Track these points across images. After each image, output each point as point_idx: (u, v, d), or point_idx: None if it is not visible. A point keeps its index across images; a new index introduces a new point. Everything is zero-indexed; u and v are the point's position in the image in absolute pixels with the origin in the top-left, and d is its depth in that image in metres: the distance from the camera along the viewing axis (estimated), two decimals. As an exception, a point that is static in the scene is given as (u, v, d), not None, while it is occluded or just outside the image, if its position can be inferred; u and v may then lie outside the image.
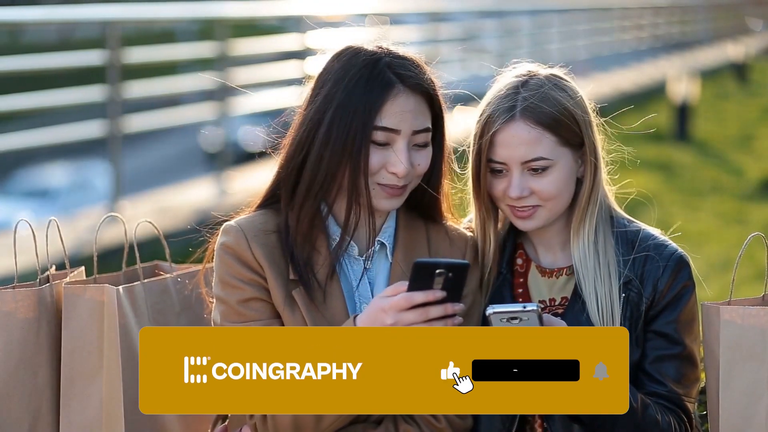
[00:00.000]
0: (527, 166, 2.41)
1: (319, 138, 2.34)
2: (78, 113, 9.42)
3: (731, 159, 12.93)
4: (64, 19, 10.34)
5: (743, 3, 33.59)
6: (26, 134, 8.25)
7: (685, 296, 2.44)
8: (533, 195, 2.42)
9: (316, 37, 10.43)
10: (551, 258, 2.52)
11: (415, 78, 2.35)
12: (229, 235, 2.39)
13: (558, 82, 2.46)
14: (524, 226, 2.46)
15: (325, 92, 2.36)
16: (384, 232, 2.44)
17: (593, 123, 2.49)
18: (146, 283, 2.58)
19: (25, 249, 2.65)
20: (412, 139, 2.35)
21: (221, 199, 8.43)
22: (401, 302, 2.18)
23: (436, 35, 14.28)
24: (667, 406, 2.40)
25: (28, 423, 2.49)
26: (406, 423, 2.36)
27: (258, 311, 2.36)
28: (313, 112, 2.37)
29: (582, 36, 20.64)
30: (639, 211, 2.89)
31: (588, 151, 2.46)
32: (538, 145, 2.40)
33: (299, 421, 2.28)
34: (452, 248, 2.48)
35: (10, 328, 2.46)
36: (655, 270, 2.44)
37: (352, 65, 2.36)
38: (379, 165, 2.34)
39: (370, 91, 2.33)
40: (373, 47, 2.38)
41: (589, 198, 2.47)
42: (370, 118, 2.32)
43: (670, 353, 2.42)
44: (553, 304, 2.49)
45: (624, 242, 2.47)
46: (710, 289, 2.68)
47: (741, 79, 21.96)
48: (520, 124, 2.40)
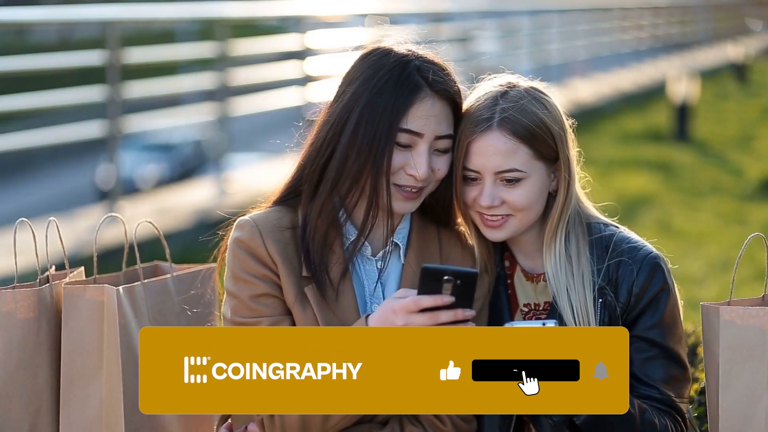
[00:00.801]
0: (500, 176, 2.42)
1: (345, 137, 2.35)
2: (78, 113, 9.42)
3: (731, 159, 12.93)
4: (64, 19, 10.34)
5: (743, 3, 33.60)
6: (26, 134, 8.25)
7: (663, 299, 2.44)
8: (504, 204, 2.43)
9: (316, 38, 10.44)
10: (531, 264, 2.53)
11: (443, 83, 2.37)
12: (244, 230, 2.39)
13: (537, 95, 2.46)
14: (492, 236, 2.46)
15: (353, 90, 2.37)
16: (398, 233, 2.45)
17: (569, 138, 2.49)
18: (146, 283, 2.58)
19: (25, 249, 2.65)
20: (434, 143, 2.36)
21: (221, 200, 8.44)
22: (410, 304, 2.18)
23: (436, 35, 14.29)
24: (662, 409, 2.41)
25: (28, 423, 2.49)
26: (411, 425, 2.36)
27: (269, 307, 2.36)
28: (339, 111, 2.37)
29: (582, 36, 20.63)
30: (639, 212, 2.89)
31: (562, 167, 2.46)
32: (513, 157, 2.41)
33: (307, 420, 2.28)
34: (464, 253, 2.49)
35: (10, 328, 2.46)
36: (629, 273, 2.43)
37: (381, 65, 2.36)
38: (398, 166, 2.35)
39: (399, 93, 2.34)
40: (404, 50, 2.39)
41: (561, 212, 2.47)
42: (397, 120, 2.33)
43: (655, 356, 2.42)
44: (537, 309, 2.51)
45: (599, 248, 2.46)
46: (710, 289, 2.69)
47: (741, 80, 21.97)
48: (497, 135, 2.41)
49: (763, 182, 10.98)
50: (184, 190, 9.42)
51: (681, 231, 8.92)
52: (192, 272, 2.67)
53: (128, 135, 8.32)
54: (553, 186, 2.48)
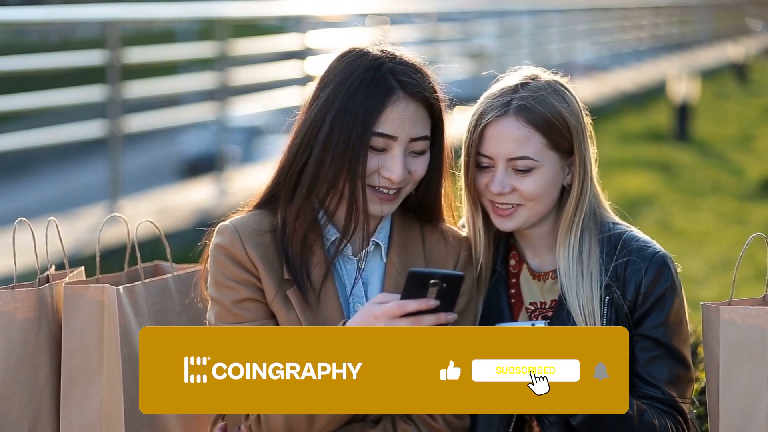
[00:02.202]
0: (512, 164, 2.42)
1: (320, 141, 2.34)
2: (78, 113, 9.42)
3: (731, 159, 12.93)
4: (64, 19, 10.34)
5: (743, 3, 33.60)
6: (26, 134, 8.25)
7: (670, 298, 2.44)
8: (514, 193, 2.43)
9: (316, 37, 10.44)
10: (538, 261, 2.53)
11: (416, 85, 2.34)
12: (224, 236, 2.39)
13: (558, 88, 2.46)
14: (503, 225, 2.46)
15: (327, 95, 2.36)
16: (379, 232, 2.44)
17: (587, 134, 2.48)
18: (147, 282, 2.58)
19: (25, 249, 2.65)
20: (409, 146, 2.35)
21: (221, 199, 8.43)
22: (394, 310, 2.17)
23: (436, 35, 14.28)
24: (663, 410, 2.40)
25: (28, 423, 2.49)
26: (404, 422, 2.36)
27: (252, 312, 2.36)
28: (314, 115, 2.36)
29: (582, 36, 20.63)
30: (639, 211, 2.89)
31: (577, 161, 2.46)
32: (526, 144, 2.41)
33: (291, 422, 2.28)
34: (447, 248, 2.48)
35: (10, 328, 2.46)
36: (637, 272, 2.43)
37: (355, 68, 2.35)
38: (374, 169, 2.34)
39: (371, 96, 2.32)
40: (378, 51, 2.37)
41: (576, 207, 2.46)
42: (370, 124, 2.31)
43: (660, 356, 2.42)
44: (543, 307, 2.50)
45: (608, 246, 2.46)
46: (710, 289, 2.69)
47: (741, 79, 21.96)
48: (512, 121, 2.41)
49: (763, 182, 10.98)
50: (184, 190, 9.42)
51: (681, 231, 8.92)
52: (192, 272, 2.67)
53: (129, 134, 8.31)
54: (567, 180, 2.48)
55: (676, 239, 8.47)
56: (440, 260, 2.46)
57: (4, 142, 8.07)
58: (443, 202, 2.48)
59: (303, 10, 10.79)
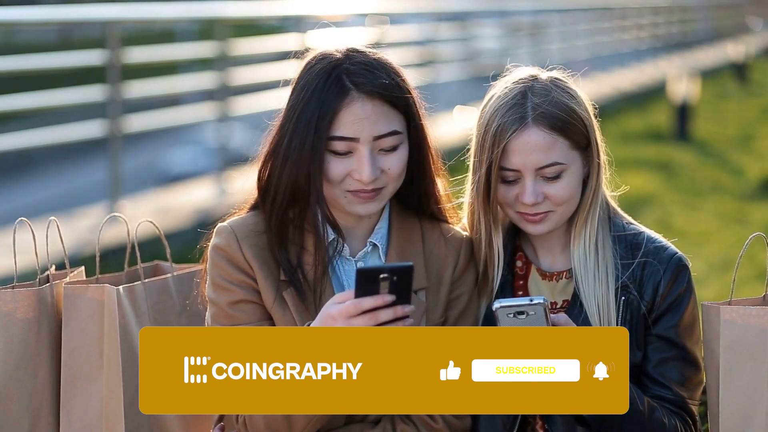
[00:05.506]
0: (541, 173, 2.40)
1: (281, 150, 2.33)
2: (78, 113, 9.42)
3: (731, 159, 12.93)
4: (64, 19, 10.34)
5: (743, 3, 33.58)
6: (26, 134, 8.25)
7: (686, 300, 2.44)
8: (546, 201, 2.42)
9: (316, 37, 10.43)
10: (550, 260, 2.52)
11: (370, 83, 2.30)
12: (221, 237, 2.39)
13: (562, 85, 2.46)
14: (535, 230, 2.45)
15: (290, 101, 2.36)
16: (376, 233, 2.44)
17: (595, 123, 2.49)
18: (147, 282, 2.58)
19: (25, 249, 2.65)
20: (375, 144, 2.32)
21: (221, 199, 8.43)
22: (350, 309, 2.16)
23: (436, 35, 14.28)
24: (673, 410, 2.41)
25: (28, 423, 2.49)
26: (403, 423, 2.36)
27: (247, 313, 2.35)
28: (279, 123, 2.37)
29: (582, 36, 20.63)
30: (639, 211, 2.89)
31: (593, 152, 2.46)
32: (552, 150, 2.40)
33: (271, 423, 2.28)
34: (447, 248, 2.47)
35: (10, 328, 2.46)
36: (655, 273, 2.43)
37: (312, 72, 2.33)
38: (343, 173, 2.32)
39: (323, 101, 2.30)
40: (339, 54, 2.34)
41: (592, 199, 2.47)
42: (324, 130, 2.29)
43: (672, 357, 2.42)
44: (554, 307, 2.49)
45: (622, 245, 2.46)
46: (710, 289, 2.69)
47: (741, 79, 21.95)
48: (534, 130, 2.39)
49: (764, 182, 10.97)
50: (184, 190, 9.41)
51: (681, 231, 8.91)
52: (192, 272, 2.67)
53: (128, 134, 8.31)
54: (585, 173, 2.48)
55: (676, 239, 8.46)
56: (440, 260, 2.45)
57: (4, 142, 8.07)
58: (441, 199, 2.47)
59: (303, 10, 10.78)
